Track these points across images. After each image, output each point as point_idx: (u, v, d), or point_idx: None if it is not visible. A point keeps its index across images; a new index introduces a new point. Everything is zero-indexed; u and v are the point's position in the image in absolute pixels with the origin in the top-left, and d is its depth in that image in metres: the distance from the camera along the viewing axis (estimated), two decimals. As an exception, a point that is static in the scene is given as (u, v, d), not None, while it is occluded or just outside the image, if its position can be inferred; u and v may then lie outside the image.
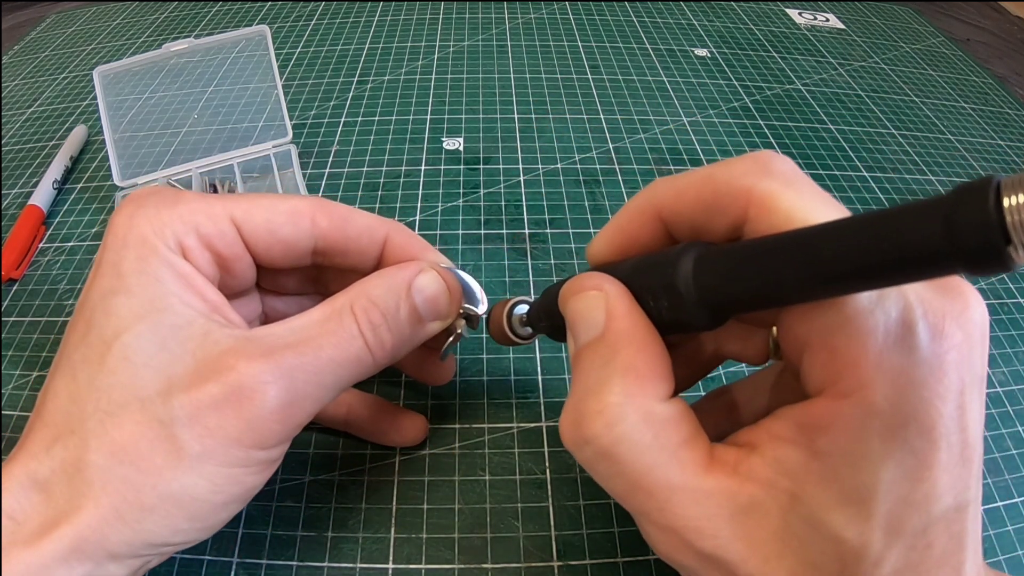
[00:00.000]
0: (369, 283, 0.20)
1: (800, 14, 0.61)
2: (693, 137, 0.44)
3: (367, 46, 0.53)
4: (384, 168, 0.40)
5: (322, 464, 0.26)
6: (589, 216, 0.37)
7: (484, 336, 0.23)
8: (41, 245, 0.36)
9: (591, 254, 0.20)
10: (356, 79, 0.49)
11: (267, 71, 0.40)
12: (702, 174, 0.17)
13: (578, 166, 0.41)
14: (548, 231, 0.36)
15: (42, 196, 0.38)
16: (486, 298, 0.23)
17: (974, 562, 0.14)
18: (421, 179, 0.40)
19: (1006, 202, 0.09)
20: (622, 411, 0.15)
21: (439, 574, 0.23)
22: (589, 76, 0.50)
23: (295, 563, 0.23)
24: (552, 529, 0.24)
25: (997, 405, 0.30)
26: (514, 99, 0.47)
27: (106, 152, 0.37)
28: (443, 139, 0.43)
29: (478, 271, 0.34)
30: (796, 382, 0.15)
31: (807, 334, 0.15)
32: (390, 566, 0.23)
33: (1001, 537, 0.25)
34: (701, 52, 0.54)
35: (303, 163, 0.40)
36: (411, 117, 0.45)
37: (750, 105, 0.48)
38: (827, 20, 0.61)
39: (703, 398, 0.22)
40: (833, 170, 0.42)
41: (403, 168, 0.40)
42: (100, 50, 0.55)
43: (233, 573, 0.23)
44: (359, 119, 0.45)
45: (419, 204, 0.38)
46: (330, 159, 0.41)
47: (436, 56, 0.52)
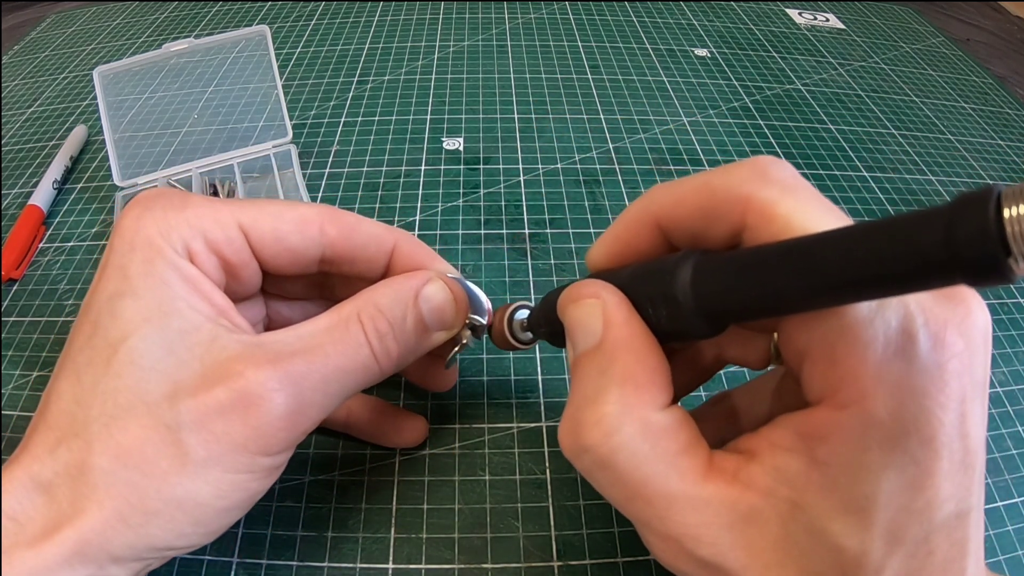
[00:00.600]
0: (376, 291, 0.20)
1: (800, 14, 0.61)
2: (693, 137, 0.44)
3: (367, 46, 0.53)
4: (384, 168, 0.40)
5: (322, 464, 0.26)
6: (589, 216, 0.37)
7: (484, 337, 0.23)
8: (41, 245, 0.36)
9: (590, 260, 0.19)
10: (356, 79, 0.49)
11: (267, 71, 0.40)
12: (700, 181, 0.16)
13: (578, 166, 0.41)
14: (548, 231, 0.36)
15: (42, 196, 0.38)
16: (492, 309, 0.23)
17: (976, 568, 0.14)
18: (421, 179, 0.40)
19: (1006, 213, 0.09)
20: (619, 421, 0.15)
21: (439, 574, 0.23)
22: (589, 76, 0.50)
23: (295, 563, 0.23)
24: (552, 529, 0.24)
25: (997, 405, 0.30)
26: (514, 99, 0.47)
27: (106, 152, 0.37)
28: (443, 139, 0.43)
29: (478, 271, 0.34)
30: (798, 388, 0.15)
31: (807, 343, 0.15)
32: (390, 566, 0.23)
33: (1001, 537, 0.25)
34: (701, 52, 0.54)
35: (303, 163, 0.40)
36: (411, 117, 0.45)
37: (750, 105, 0.48)
38: (827, 20, 0.61)
39: (704, 404, 0.22)
40: (833, 170, 0.42)
41: (403, 168, 0.40)
42: (100, 50, 0.55)
43: (233, 573, 0.23)
44: (359, 119, 0.45)
45: (419, 204, 0.38)
46: (330, 159, 0.41)
47: (436, 56, 0.52)
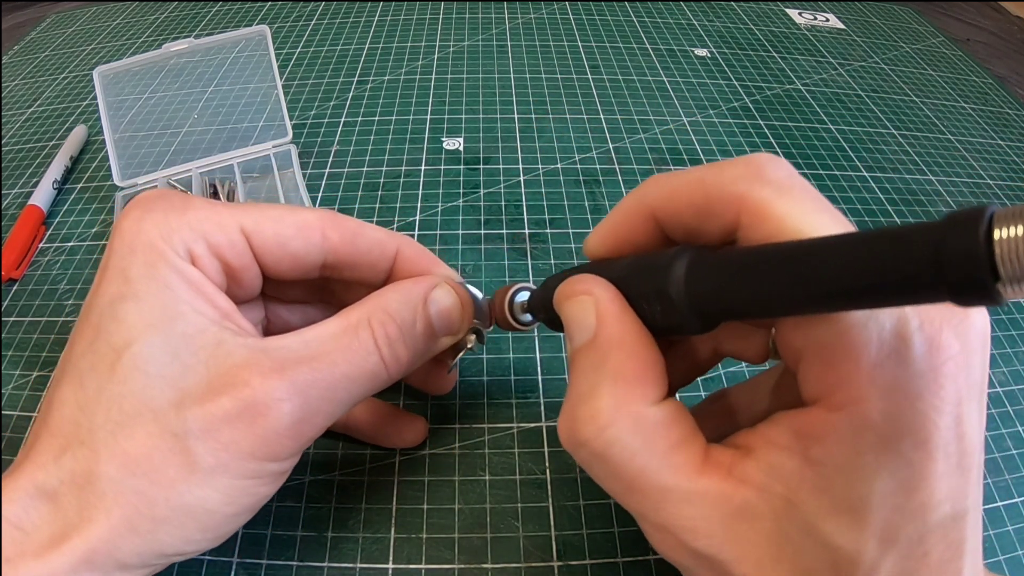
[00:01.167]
0: (385, 297, 0.20)
1: (800, 14, 0.61)
2: (693, 137, 0.44)
3: (367, 46, 0.53)
4: (384, 168, 0.40)
5: (322, 464, 0.26)
6: (589, 216, 0.37)
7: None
8: (41, 245, 0.36)
9: (587, 248, 0.19)
10: (356, 79, 0.49)
11: (267, 71, 0.40)
12: (694, 176, 0.16)
13: (578, 166, 0.41)
14: (548, 231, 0.36)
15: (42, 196, 0.38)
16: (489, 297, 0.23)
17: (973, 569, 0.14)
18: (421, 179, 0.40)
19: (997, 234, 0.09)
20: (612, 416, 0.15)
21: (439, 574, 0.23)
22: (589, 76, 0.50)
23: (295, 563, 0.23)
24: (552, 529, 0.24)
25: (997, 405, 0.30)
26: (514, 99, 0.47)
27: (106, 152, 0.37)
28: (443, 139, 0.43)
29: (478, 271, 0.34)
30: (796, 385, 0.15)
31: (802, 343, 0.15)
32: (390, 566, 0.23)
33: (1001, 537, 0.25)
34: (701, 52, 0.54)
35: (303, 163, 0.40)
36: (411, 117, 0.45)
37: (750, 105, 0.48)
38: (827, 20, 0.61)
39: (703, 401, 0.22)
40: (833, 170, 0.42)
41: (403, 168, 0.40)
42: (100, 50, 0.55)
43: (233, 573, 0.23)
44: (359, 119, 0.45)
45: (419, 204, 0.38)
46: (330, 159, 0.41)
47: (436, 56, 0.52)
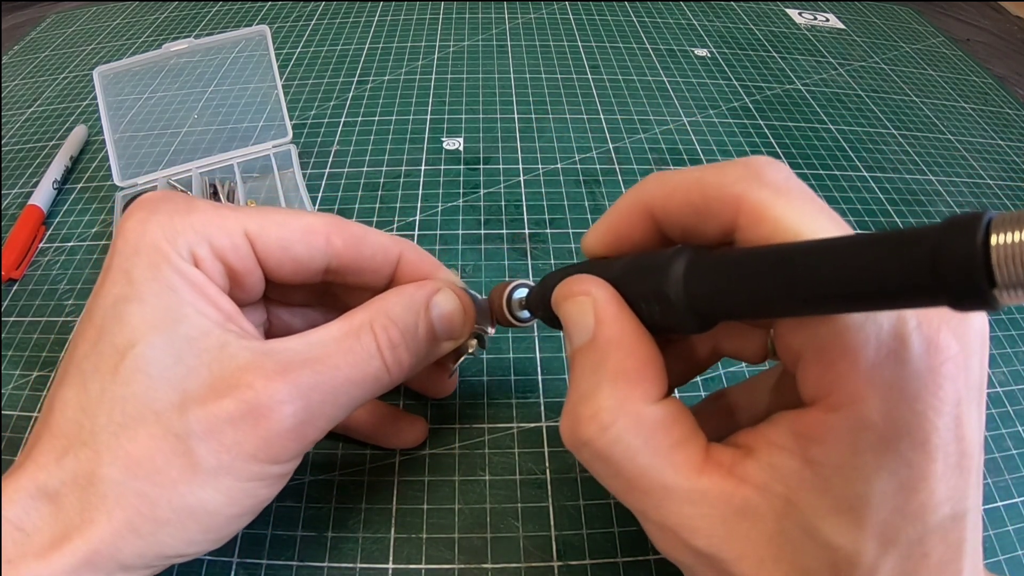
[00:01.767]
0: (387, 301, 0.20)
1: (800, 14, 0.61)
2: (693, 137, 0.44)
3: (367, 46, 0.53)
4: (384, 168, 0.40)
5: (322, 464, 0.26)
6: (589, 216, 0.37)
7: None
8: (41, 245, 0.36)
9: (586, 246, 0.19)
10: (356, 79, 0.49)
11: (267, 71, 0.40)
12: (693, 176, 0.16)
13: (578, 166, 0.41)
14: (548, 231, 0.36)
15: (42, 196, 0.38)
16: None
17: (973, 569, 0.14)
18: (421, 179, 0.40)
19: (994, 240, 0.09)
20: (612, 416, 0.15)
21: (439, 574, 0.23)
22: (589, 76, 0.50)
23: (295, 563, 0.23)
24: (552, 529, 0.24)
25: (997, 405, 0.30)
26: (514, 99, 0.47)
27: (106, 152, 0.37)
28: (443, 139, 0.43)
29: (478, 271, 0.34)
30: (796, 385, 0.15)
31: (801, 344, 0.15)
32: (390, 566, 0.23)
33: (1001, 537, 0.25)
34: (701, 52, 0.54)
35: (303, 163, 0.40)
36: (411, 117, 0.45)
37: (750, 105, 0.48)
38: (827, 20, 0.61)
39: (703, 400, 0.22)
40: (833, 170, 0.42)
41: (403, 168, 0.40)
42: (100, 50, 0.55)
43: (233, 573, 0.23)
44: (359, 119, 0.45)
45: (419, 204, 0.38)
46: (330, 159, 0.41)
47: (436, 56, 0.52)
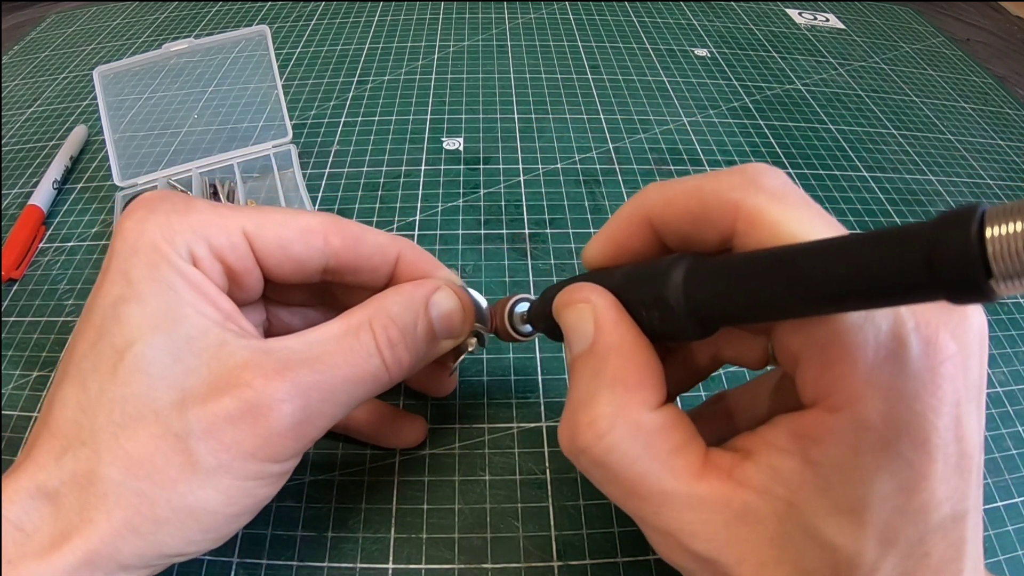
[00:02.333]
0: (387, 299, 0.20)
1: (800, 14, 0.61)
2: (693, 137, 0.44)
3: (367, 46, 0.53)
4: (384, 168, 0.40)
5: (322, 464, 0.26)
6: (589, 216, 0.37)
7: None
8: (41, 245, 0.36)
9: (586, 257, 0.20)
10: (356, 79, 0.49)
11: (267, 71, 0.40)
12: (691, 185, 0.17)
13: (578, 166, 0.41)
14: (548, 231, 0.36)
15: (42, 196, 0.38)
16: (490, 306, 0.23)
17: (974, 569, 0.14)
18: (421, 179, 0.40)
19: (989, 232, 0.09)
20: (611, 422, 0.15)
21: (439, 574, 0.23)
22: (589, 76, 0.50)
23: (295, 563, 0.23)
24: (552, 529, 0.24)
25: (997, 405, 0.30)
26: (514, 99, 0.47)
27: (106, 152, 0.37)
28: (443, 139, 0.43)
29: (478, 271, 0.34)
30: (795, 388, 0.15)
31: (800, 346, 0.15)
32: (390, 566, 0.23)
33: (1001, 537, 0.25)
34: (701, 52, 0.54)
35: (303, 163, 0.40)
36: (411, 117, 0.45)
37: (750, 105, 0.48)
38: (827, 20, 0.61)
39: (703, 403, 0.22)
40: (833, 170, 0.42)
41: (403, 168, 0.40)
42: (100, 50, 0.55)
43: (233, 573, 0.23)
44: (359, 119, 0.45)
45: (419, 204, 0.38)
46: (330, 159, 0.41)
47: (436, 56, 0.52)
